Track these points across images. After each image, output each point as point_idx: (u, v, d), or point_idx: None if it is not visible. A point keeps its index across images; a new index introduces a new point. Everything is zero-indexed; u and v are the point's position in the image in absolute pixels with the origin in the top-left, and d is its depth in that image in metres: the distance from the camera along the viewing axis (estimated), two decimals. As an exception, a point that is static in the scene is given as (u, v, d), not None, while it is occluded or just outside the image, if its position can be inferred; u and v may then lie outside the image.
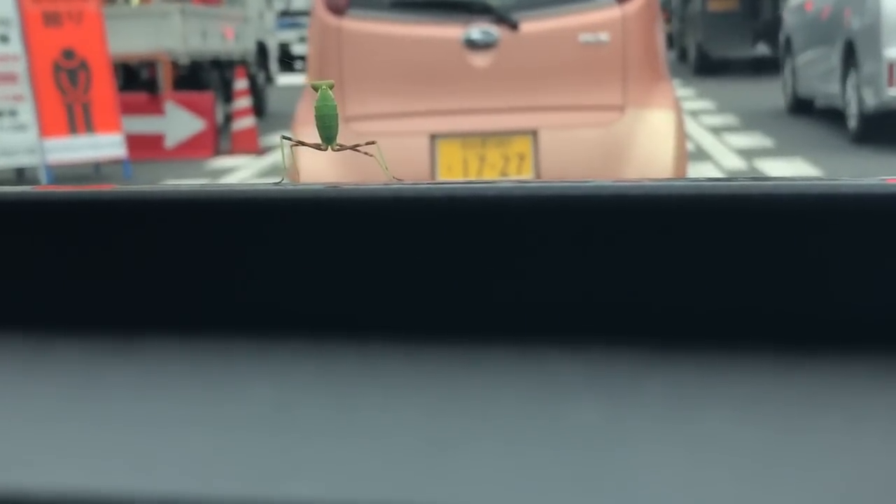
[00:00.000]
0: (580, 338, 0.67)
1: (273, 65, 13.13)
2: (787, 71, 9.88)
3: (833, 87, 8.13)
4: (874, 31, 7.15)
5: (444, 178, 3.38)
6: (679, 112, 3.56)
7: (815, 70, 8.72)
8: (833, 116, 8.42)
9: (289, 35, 19.56)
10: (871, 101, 7.23)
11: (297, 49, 19.24)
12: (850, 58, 7.66)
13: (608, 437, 0.55)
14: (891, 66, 7.00)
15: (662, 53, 3.61)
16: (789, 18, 9.89)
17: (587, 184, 0.70)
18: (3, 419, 0.61)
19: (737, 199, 0.66)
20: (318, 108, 0.80)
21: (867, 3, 7.30)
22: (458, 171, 3.43)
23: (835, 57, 8.04)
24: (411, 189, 0.73)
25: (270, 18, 13.49)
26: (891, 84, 7.01)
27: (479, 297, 0.70)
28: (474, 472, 0.51)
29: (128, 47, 9.03)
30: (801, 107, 9.46)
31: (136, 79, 9.63)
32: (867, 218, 0.65)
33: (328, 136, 0.80)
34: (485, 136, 3.45)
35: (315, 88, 0.79)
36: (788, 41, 9.79)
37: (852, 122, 7.64)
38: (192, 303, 0.74)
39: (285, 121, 4.42)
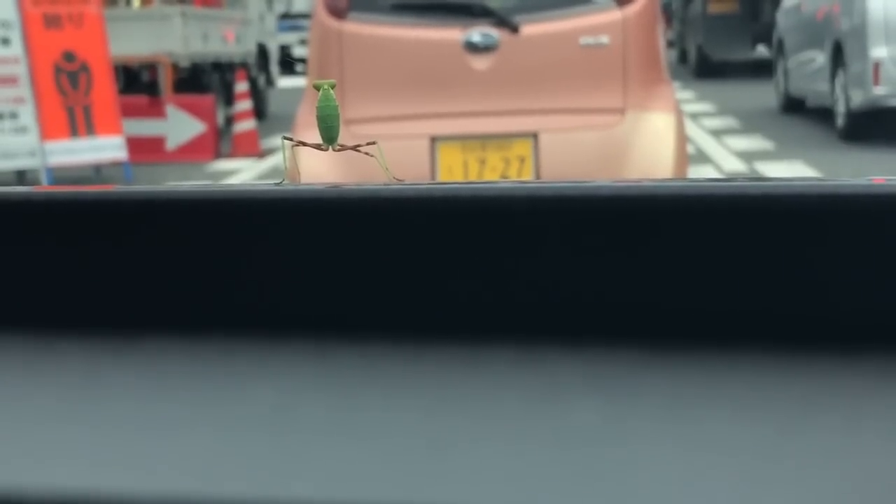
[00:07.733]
0: (580, 338, 0.67)
1: (274, 67, 13.12)
2: (779, 71, 9.96)
3: (823, 87, 8.27)
4: (861, 32, 7.28)
5: (445, 180, 3.37)
6: (679, 115, 3.56)
7: (806, 70, 8.85)
8: (823, 114, 8.50)
9: (289, 37, 19.56)
10: (858, 99, 7.37)
11: (298, 51, 19.23)
12: (838, 58, 7.81)
13: (608, 437, 0.55)
14: (876, 66, 7.13)
15: (663, 56, 3.61)
16: (782, 20, 9.97)
17: (587, 184, 0.70)
18: (3, 419, 0.61)
19: (735, 199, 0.66)
20: (319, 108, 0.80)
21: (855, 5, 7.42)
22: (458, 173, 3.43)
23: (824, 57, 8.16)
24: (412, 189, 0.73)
25: (271, 21, 13.49)
26: (876, 83, 7.14)
27: (480, 297, 0.70)
28: (474, 472, 0.51)
29: (129, 50, 9.03)
30: (793, 105, 9.59)
31: (136, 81, 9.62)
32: (865, 218, 0.65)
33: (329, 136, 0.80)
34: (485, 139, 3.45)
35: (317, 88, 0.79)
36: (781, 42, 9.88)
37: (840, 120, 7.75)
38: (193, 303, 0.74)
39: (286, 123, 4.42)
